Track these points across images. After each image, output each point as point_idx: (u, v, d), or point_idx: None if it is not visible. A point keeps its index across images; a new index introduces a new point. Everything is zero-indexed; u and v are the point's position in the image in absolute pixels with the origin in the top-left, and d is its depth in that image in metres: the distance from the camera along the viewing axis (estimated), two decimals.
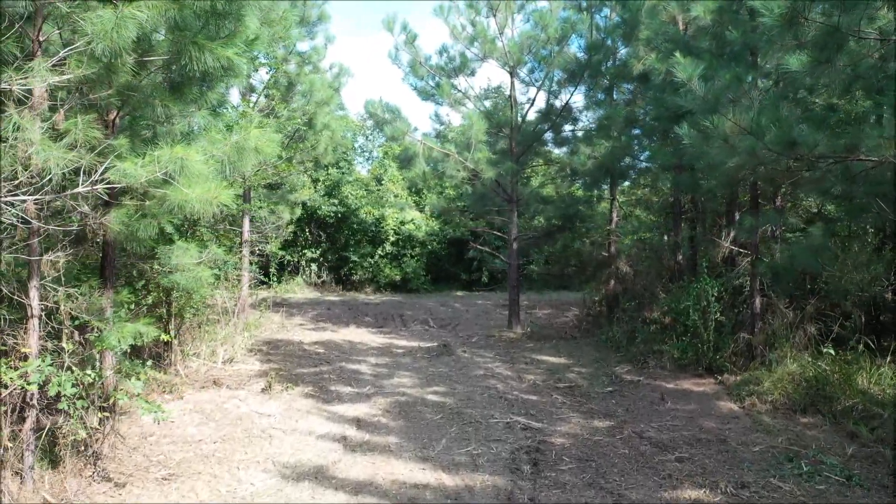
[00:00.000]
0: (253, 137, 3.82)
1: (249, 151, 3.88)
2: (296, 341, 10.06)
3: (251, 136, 3.80)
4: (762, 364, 7.47)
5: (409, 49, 10.61)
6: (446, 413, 6.26)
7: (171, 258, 5.38)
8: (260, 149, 3.96)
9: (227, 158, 3.85)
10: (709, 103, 4.79)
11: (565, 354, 9.21)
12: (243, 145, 3.82)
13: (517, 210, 11.03)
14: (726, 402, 6.74)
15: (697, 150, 5.16)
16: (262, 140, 3.90)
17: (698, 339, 7.86)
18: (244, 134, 3.79)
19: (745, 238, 7.12)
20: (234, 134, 3.81)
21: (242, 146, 3.83)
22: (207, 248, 6.54)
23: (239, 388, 7.15)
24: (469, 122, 9.61)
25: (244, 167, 4.05)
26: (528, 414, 6.27)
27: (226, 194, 4.21)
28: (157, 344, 7.69)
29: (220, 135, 3.92)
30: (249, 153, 3.89)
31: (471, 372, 8.10)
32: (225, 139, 3.81)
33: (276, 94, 10.09)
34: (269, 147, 4.01)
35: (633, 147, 9.66)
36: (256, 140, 3.88)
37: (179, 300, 7.29)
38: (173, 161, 3.36)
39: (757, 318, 7.69)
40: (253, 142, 3.84)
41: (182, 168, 3.41)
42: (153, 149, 3.59)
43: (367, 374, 7.91)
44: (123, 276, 6.50)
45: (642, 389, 7.29)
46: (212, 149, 3.78)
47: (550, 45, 10.11)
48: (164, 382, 6.96)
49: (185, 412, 6.24)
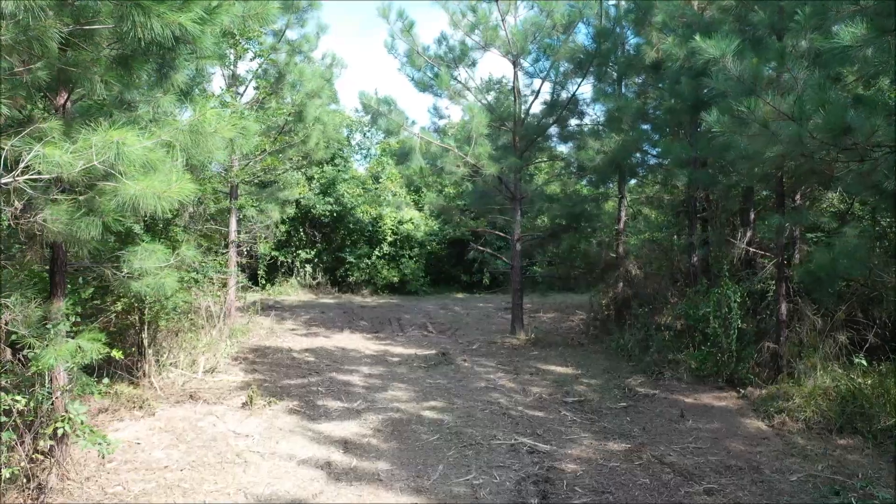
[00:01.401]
0: (210, 120, 3.20)
1: (208, 136, 3.27)
2: (285, 348, 9.44)
3: (208, 117, 3.19)
4: (789, 376, 6.85)
5: (405, 38, 9.99)
6: (444, 433, 5.64)
7: (132, 262, 4.75)
8: (222, 134, 3.34)
9: (180, 145, 3.23)
10: (745, 84, 4.17)
11: (573, 364, 8.58)
12: (199, 129, 3.21)
13: (520, 209, 10.40)
14: (752, 420, 6.11)
15: (728, 140, 4.55)
16: (223, 124, 3.29)
17: (717, 348, 7.24)
18: (200, 115, 3.19)
19: (771, 238, 6.49)
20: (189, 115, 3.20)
21: (198, 130, 3.22)
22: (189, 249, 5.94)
23: (217, 403, 6.54)
24: (470, 115, 8.98)
25: (202, 156, 3.43)
26: (534, 434, 5.65)
27: (180, 188, 3.60)
28: (129, 354, 7.09)
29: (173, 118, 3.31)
30: (208, 139, 3.28)
31: (471, 384, 7.48)
32: (176, 122, 3.20)
33: (264, 84, 9.46)
34: (230, 131, 3.39)
35: (648, 139, 9.02)
36: (217, 123, 3.26)
37: (153, 306, 6.66)
38: (107, 147, 2.74)
39: (783, 325, 7.07)
40: (211, 125, 3.22)
41: (120, 156, 2.80)
42: (91, 135, 2.97)
43: (358, 387, 7.29)
44: (87, 282, 5.88)
45: (658, 404, 6.67)
46: (160, 133, 3.16)
47: (556, 33, 9.49)
48: (134, 397, 6.34)
49: (154, 432, 5.63)
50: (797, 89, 3.93)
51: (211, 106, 3.88)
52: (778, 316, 7.09)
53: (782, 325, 7.07)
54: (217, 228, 10.62)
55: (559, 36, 9.67)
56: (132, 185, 3.00)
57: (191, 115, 3.21)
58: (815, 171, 4.66)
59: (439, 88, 9.81)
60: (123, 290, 4.60)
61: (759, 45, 6.46)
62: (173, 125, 3.21)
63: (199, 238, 9.06)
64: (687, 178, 8.06)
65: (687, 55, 6.86)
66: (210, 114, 3.24)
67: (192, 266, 6.92)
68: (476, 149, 9.32)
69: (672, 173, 9.46)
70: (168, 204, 3.78)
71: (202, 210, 8.11)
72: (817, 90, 3.88)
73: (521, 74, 10.43)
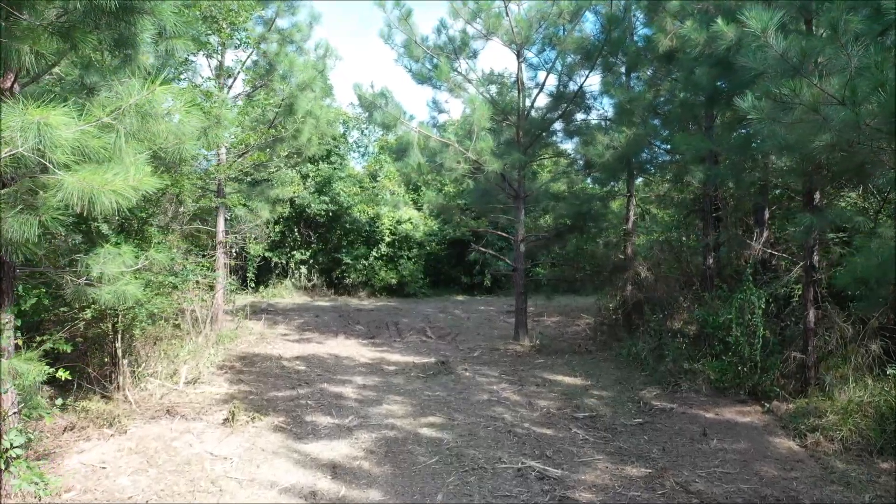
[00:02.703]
0: (160, 98, 2.67)
1: (159, 119, 2.74)
2: (275, 356, 8.90)
3: (157, 96, 2.65)
4: (818, 389, 6.32)
5: (402, 27, 9.44)
6: (443, 454, 5.10)
7: (92, 266, 4.20)
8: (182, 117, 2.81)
9: (126, 129, 2.70)
10: (789, 63, 3.62)
11: (581, 373, 8.03)
12: (148, 109, 2.68)
13: (524, 208, 9.86)
14: (782, 439, 5.57)
15: (766, 128, 4.01)
16: (179, 104, 2.75)
17: (739, 357, 6.70)
18: (148, 92, 2.65)
19: (796, 239, 5.95)
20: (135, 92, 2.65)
21: (146, 110, 2.68)
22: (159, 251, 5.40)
23: (197, 419, 6.00)
24: (471, 107, 8.43)
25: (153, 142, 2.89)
26: (543, 456, 5.10)
27: (140, 182, 3.05)
28: (103, 365, 6.55)
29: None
30: (159, 122, 2.75)
31: (473, 396, 6.93)
32: (118, 101, 2.66)
33: (253, 74, 8.91)
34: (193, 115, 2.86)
35: (658, 134, 8.47)
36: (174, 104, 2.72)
37: (127, 314, 6.12)
38: (25, 129, 2.21)
39: (810, 333, 6.52)
40: (160, 104, 2.69)
41: (45, 140, 2.27)
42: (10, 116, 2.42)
43: (351, 399, 6.74)
44: (28, 291, 5.30)
45: (677, 420, 6.12)
46: (98, 113, 2.62)
47: (563, 21, 8.95)
48: (104, 413, 5.80)
49: (123, 453, 5.08)
50: (850, 69, 3.40)
51: (186, 93, 3.36)
52: (805, 323, 6.55)
53: (810, 333, 6.53)
54: (206, 229, 10.08)
55: (566, 25, 9.13)
56: (67, 177, 2.46)
57: (136, 92, 2.67)
58: (866, 162, 4.12)
59: (438, 80, 9.27)
60: (78, 298, 4.04)
61: (784, 29, 5.94)
62: (115, 105, 2.67)
63: (181, 239, 8.51)
64: (703, 174, 7.51)
65: (707, 40, 6.31)
66: (161, 91, 2.71)
67: (171, 269, 6.36)
68: (478, 144, 8.78)
69: (685, 170, 8.92)
70: (125, 201, 3.25)
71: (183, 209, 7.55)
72: (874, 70, 3.35)
73: (525, 66, 9.89)
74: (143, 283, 5.63)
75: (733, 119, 7.44)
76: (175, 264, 6.36)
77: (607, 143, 8.77)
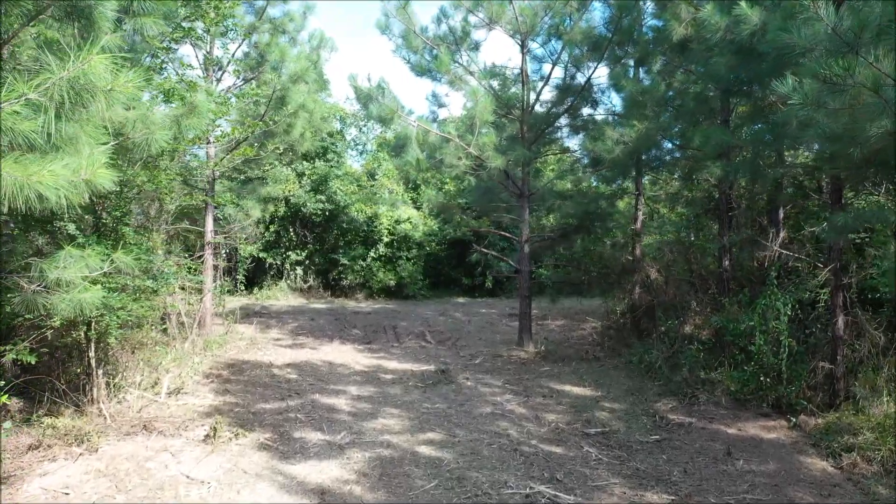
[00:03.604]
0: (98, 70, 2.19)
1: (99, 94, 2.27)
2: (265, 363, 8.42)
3: (94, 67, 2.17)
4: (847, 402, 5.85)
5: (401, 16, 8.96)
6: (443, 477, 4.62)
7: (48, 271, 3.72)
8: (127, 94, 2.34)
9: (56, 108, 2.22)
10: (846, 38, 3.14)
11: (590, 383, 7.55)
12: (83, 83, 2.21)
13: (529, 207, 9.38)
14: (815, 459, 5.09)
15: (808, 115, 3.54)
16: (123, 80, 2.28)
17: (761, 367, 6.22)
18: (83, 63, 2.17)
19: (834, 239, 5.48)
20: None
21: (83, 86, 2.21)
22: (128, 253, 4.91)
23: (175, 435, 5.52)
24: (473, 100, 7.95)
25: (92, 119, 2.42)
26: (553, 480, 4.62)
27: (93, 175, 2.58)
28: (76, 377, 6.07)
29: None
30: (99, 97, 2.28)
31: (475, 409, 6.45)
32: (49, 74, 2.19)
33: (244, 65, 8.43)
34: (137, 89, 2.39)
35: (670, 129, 7.99)
36: (118, 80, 2.24)
37: (101, 320, 5.63)
38: None
39: (839, 342, 6.05)
40: (99, 78, 2.21)
41: None
42: None
43: (344, 412, 6.27)
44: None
45: (697, 436, 5.64)
46: (22, 88, 2.15)
47: (570, 9, 8.47)
48: (74, 430, 5.31)
49: (91, 476, 4.61)
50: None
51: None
52: (834, 331, 6.09)
53: (839, 342, 6.06)
54: (194, 229, 9.59)
55: (573, 13, 8.65)
56: None
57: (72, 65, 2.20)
58: None
59: (438, 72, 8.78)
60: (26, 308, 3.57)
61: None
62: (42, 77, 2.20)
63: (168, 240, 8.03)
64: (721, 171, 7.03)
65: (729, 25, 5.83)
66: (98, 62, 2.23)
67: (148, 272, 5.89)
68: (480, 138, 8.29)
69: (700, 166, 8.44)
70: (74, 196, 2.78)
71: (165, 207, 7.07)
72: None
73: (529, 59, 9.42)
74: (110, 289, 5.16)
75: (754, 110, 6.97)
76: (153, 266, 5.87)
77: (617, 139, 8.29)
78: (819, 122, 3.59)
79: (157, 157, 5.42)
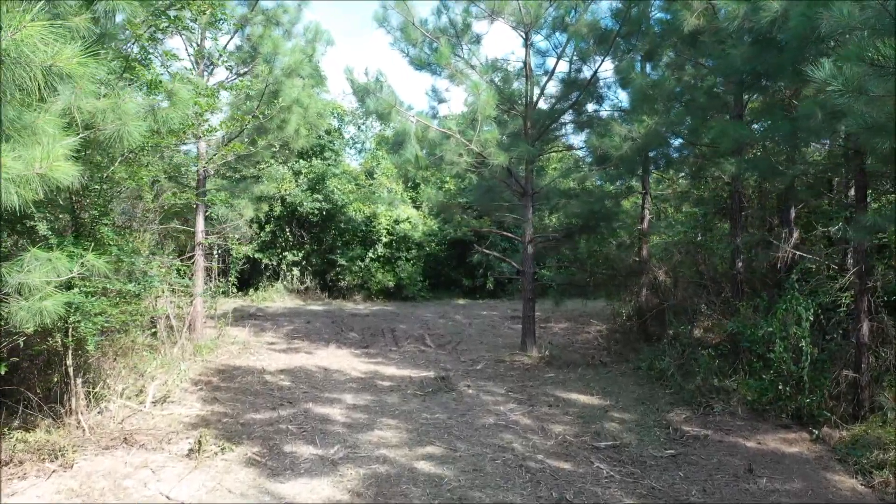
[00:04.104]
0: (32, 40, 1.84)
1: (36, 69, 1.93)
2: (257, 369, 8.07)
3: (27, 35, 1.83)
4: (873, 413, 5.51)
5: (399, 8, 8.61)
6: (444, 498, 4.27)
7: (7, 275, 3.38)
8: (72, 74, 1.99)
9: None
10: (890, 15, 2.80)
11: (598, 390, 7.20)
12: (15, 55, 1.86)
13: (532, 206, 9.03)
14: (842, 477, 4.74)
15: (845, 105, 3.22)
16: (68, 54, 1.92)
17: (779, 374, 5.87)
18: (14, 31, 1.83)
19: (862, 239, 5.14)
20: None
21: (12, 58, 1.86)
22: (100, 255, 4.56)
23: (157, 449, 5.17)
24: (475, 94, 7.59)
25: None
26: (562, 501, 4.27)
27: (53, 169, 2.24)
28: (55, 386, 5.71)
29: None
30: (36, 71, 1.93)
31: (478, 419, 6.10)
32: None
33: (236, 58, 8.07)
34: (81, 66, 2.03)
35: (681, 124, 7.63)
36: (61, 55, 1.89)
37: (77, 325, 5.28)
38: None
39: (864, 349, 5.71)
40: (31, 47, 1.86)
41: None
42: None
43: (338, 424, 5.91)
44: None
45: (715, 450, 5.30)
46: None
47: (575, 0, 8.12)
48: (48, 444, 4.97)
49: (63, 496, 4.26)
50: None
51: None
52: (858, 337, 5.73)
53: (863, 349, 5.71)
54: (184, 228, 9.24)
55: (578, 4, 8.30)
56: None
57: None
58: None
59: (438, 65, 8.43)
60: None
61: None
62: None
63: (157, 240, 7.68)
64: (735, 168, 6.68)
65: (748, 13, 5.49)
66: (34, 30, 1.88)
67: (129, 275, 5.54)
68: (482, 134, 7.94)
69: (709, 164, 8.10)
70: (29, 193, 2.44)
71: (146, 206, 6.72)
72: None
73: (533, 52, 9.06)
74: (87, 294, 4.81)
75: (772, 103, 6.62)
76: (136, 269, 5.52)
77: (625, 135, 7.94)
78: (855, 112, 3.25)
79: (138, 152, 5.07)
